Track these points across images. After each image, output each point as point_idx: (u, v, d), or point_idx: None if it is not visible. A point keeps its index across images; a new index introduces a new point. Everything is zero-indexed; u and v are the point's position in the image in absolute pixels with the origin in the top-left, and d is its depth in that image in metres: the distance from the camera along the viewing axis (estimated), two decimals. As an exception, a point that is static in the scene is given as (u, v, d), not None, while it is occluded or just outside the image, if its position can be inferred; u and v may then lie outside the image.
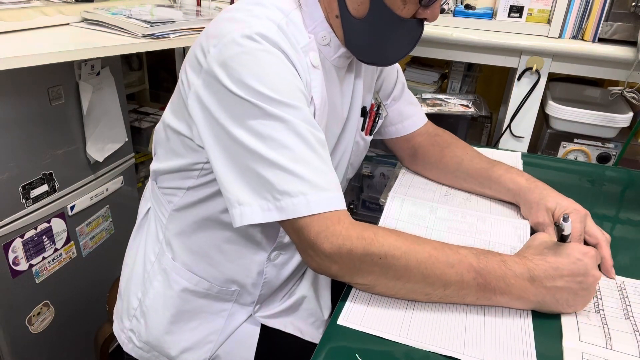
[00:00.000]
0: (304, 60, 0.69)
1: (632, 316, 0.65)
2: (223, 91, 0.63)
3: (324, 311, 0.92)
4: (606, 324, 0.63)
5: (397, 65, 0.96)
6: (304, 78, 0.68)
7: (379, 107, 0.93)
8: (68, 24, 1.24)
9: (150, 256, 0.85)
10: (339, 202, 0.64)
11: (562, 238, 0.67)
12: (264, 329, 0.85)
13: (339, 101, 0.80)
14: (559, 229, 0.66)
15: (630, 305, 0.67)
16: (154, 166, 0.82)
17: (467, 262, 0.62)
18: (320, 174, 0.63)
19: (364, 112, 0.89)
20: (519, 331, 0.61)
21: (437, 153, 0.96)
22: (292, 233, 0.66)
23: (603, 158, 1.37)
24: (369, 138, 0.93)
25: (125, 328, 0.88)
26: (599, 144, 1.36)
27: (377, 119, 0.92)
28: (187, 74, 0.69)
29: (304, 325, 0.89)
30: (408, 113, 0.97)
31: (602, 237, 0.75)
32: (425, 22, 0.73)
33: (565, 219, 0.65)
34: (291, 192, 0.61)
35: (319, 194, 0.62)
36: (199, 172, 0.74)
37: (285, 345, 0.87)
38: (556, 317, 0.64)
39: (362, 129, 0.90)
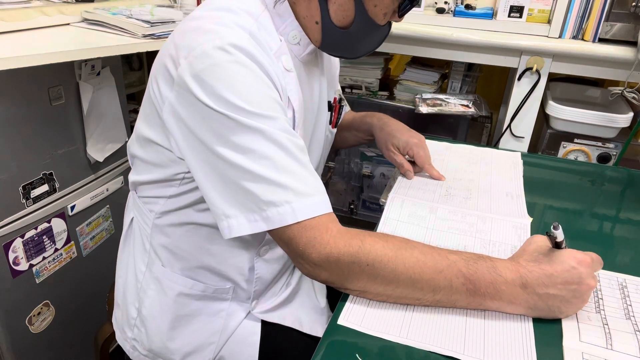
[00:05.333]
0: (277, 65, 0.69)
1: (633, 316, 0.65)
2: (198, 105, 0.62)
3: (319, 298, 0.92)
4: (607, 324, 0.63)
5: None
6: (279, 85, 0.68)
7: (340, 99, 0.97)
8: (68, 24, 1.24)
9: (140, 266, 0.84)
10: (325, 206, 0.64)
11: (557, 245, 0.65)
12: (265, 326, 0.85)
13: (309, 97, 0.81)
14: (551, 237, 0.65)
15: (631, 305, 0.67)
16: (132, 177, 0.81)
17: (455, 268, 0.62)
18: (303, 180, 0.63)
19: (330, 106, 0.91)
20: (519, 331, 0.61)
21: (339, 132, 1.08)
22: (282, 244, 0.67)
23: (603, 158, 1.37)
24: (335, 131, 0.97)
25: (129, 337, 0.88)
26: (599, 144, 1.36)
27: (341, 111, 0.97)
28: (158, 85, 0.68)
29: (304, 314, 0.89)
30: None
31: (425, 157, 0.96)
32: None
33: (555, 227, 0.63)
34: (276, 201, 0.62)
35: (304, 200, 0.62)
36: (180, 181, 0.74)
37: (288, 341, 0.87)
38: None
39: (330, 122, 0.93)
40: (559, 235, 0.64)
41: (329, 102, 0.90)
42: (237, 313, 0.84)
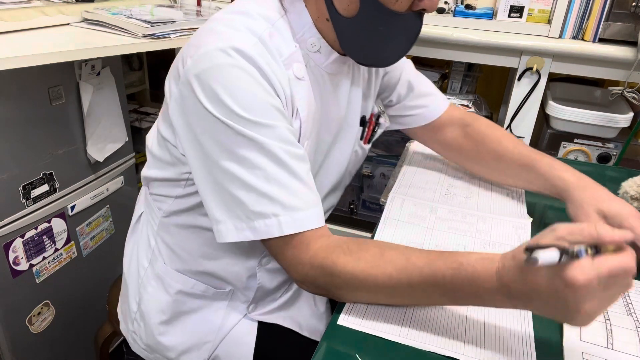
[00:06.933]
0: (285, 73, 0.67)
1: (635, 312, 0.65)
2: (198, 105, 0.62)
3: (318, 304, 0.92)
4: (608, 319, 0.63)
5: (404, 61, 0.92)
6: (281, 93, 0.65)
7: (378, 116, 0.90)
8: (68, 24, 1.24)
9: (143, 262, 0.85)
10: (313, 221, 0.63)
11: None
12: (263, 326, 0.85)
13: (334, 108, 0.78)
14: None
15: (631, 304, 0.67)
16: (144, 172, 0.81)
17: (431, 282, 0.58)
18: (294, 193, 0.62)
19: (363, 122, 0.87)
20: (519, 331, 0.61)
21: (472, 147, 0.93)
22: (272, 255, 0.68)
23: (603, 158, 1.37)
24: (368, 146, 0.92)
25: (130, 330, 0.89)
26: (599, 144, 1.36)
27: (377, 128, 0.90)
28: (170, 82, 0.69)
29: (302, 319, 0.89)
30: (421, 104, 0.93)
31: None
32: (424, 14, 0.69)
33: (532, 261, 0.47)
34: (264, 213, 0.61)
35: (292, 215, 0.62)
36: (185, 182, 0.74)
37: (285, 342, 0.87)
38: (556, 317, 0.64)
39: (361, 138, 0.89)
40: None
41: (363, 117, 0.87)
42: (235, 313, 0.85)
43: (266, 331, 0.85)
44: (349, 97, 0.81)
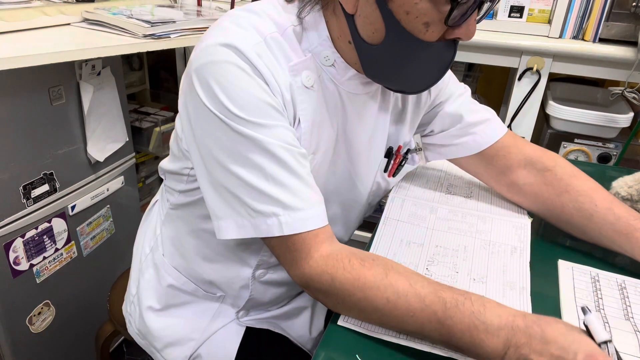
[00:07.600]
0: (287, 78, 0.64)
1: (632, 317, 0.65)
2: (197, 100, 0.61)
3: (313, 331, 0.90)
4: (607, 322, 0.63)
5: (459, 91, 0.86)
6: (279, 95, 0.63)
7: (408, 151, 0.85)
8: (69, 24, 1.24)
9: (145, 249, 0.88)
10: (314, 221, 0.62)
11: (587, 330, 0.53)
12: (251, 331, 0.85)
13: (356, 130, 0.74)
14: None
15: (630, 306, 0.67)
16: (161, 163, 0.82)
17: (430, 310, 0.56)
18: (294, 193, 0.61)
19: (389, 153, 0.82)
20: (519, 331, 0.61)
21: (554, 199, 0.81)
22: (274, 255, 0.67)
23: (603, 158, 1.37)
24: (393, 180, 0.87)
25: (127, 312, 0.91)
26: (600, 144, 1.36)
27: (404, 162, 0.85)
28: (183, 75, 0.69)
29: (293, 333, 0.88)
30: (468, 132, 0.84)
31: None
32: (459, 42, 0.64)
33: (584, 311, 0.53)
34: (265, 212, 0.61)
35: (292, 215, 0.60)
36: (187, 177, 0.74)
37: (272, 347, 0.86)
38: (557, 316, 0.64)
39: (385, 170, 0.84)
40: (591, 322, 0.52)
41: (390, 148, 0.82)
42: (224, 315, 0.85)
43: (254, 336, 0.85)
44: (375, 122, 0.76)
